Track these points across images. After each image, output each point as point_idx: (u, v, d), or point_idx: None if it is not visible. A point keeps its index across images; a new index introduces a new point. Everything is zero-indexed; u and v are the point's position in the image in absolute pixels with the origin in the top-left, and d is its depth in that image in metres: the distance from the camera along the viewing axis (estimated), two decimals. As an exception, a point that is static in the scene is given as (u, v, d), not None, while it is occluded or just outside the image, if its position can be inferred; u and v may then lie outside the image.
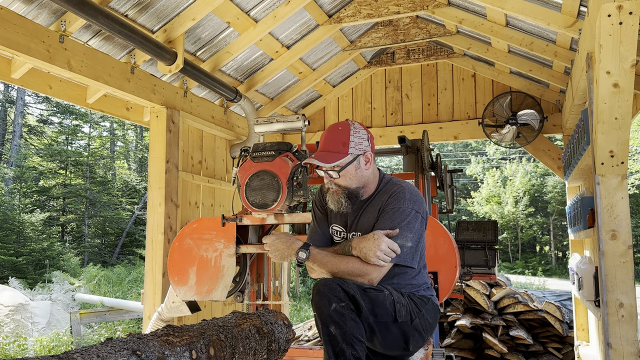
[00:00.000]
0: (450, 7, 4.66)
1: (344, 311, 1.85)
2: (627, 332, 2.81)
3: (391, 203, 2.12)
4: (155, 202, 4.23)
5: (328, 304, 1.85)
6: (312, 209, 2.43)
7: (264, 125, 3.36)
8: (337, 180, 2.15)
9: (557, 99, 5.48)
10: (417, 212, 2.12)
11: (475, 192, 26.05)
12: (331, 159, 2.11)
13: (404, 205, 2.10)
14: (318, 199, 2.40)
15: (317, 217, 2.38)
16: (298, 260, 2.09)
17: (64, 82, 3.95)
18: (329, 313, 1.85)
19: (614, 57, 2.74)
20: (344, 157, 2.12)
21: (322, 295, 1.88)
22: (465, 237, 4.76)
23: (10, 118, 21.72)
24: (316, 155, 2.15)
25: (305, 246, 2.11)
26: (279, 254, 2.18)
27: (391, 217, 2.08)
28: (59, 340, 7.84)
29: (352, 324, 1.85)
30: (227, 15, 4.20)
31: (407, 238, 2.06)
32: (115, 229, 20.66)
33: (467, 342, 5.87)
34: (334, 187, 2.17)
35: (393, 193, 2.15)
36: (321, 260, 2.07)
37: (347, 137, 2.15)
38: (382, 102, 6.28)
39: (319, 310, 1.88)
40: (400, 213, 2.08)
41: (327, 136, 2.19)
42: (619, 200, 2.88)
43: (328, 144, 2.16)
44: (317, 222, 2.36)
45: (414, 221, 2.10)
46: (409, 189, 2.17)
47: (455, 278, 2.77)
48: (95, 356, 1.29)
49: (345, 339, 1.82)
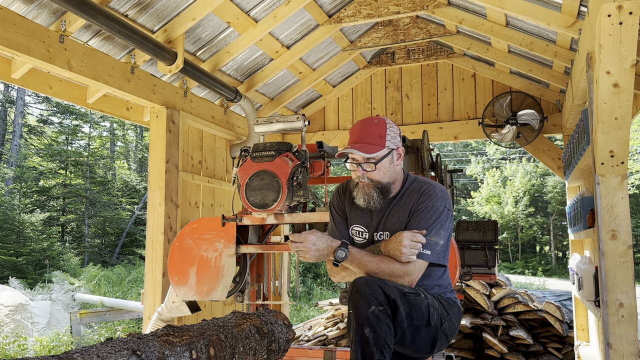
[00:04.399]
0: (450, 7, 4.66)
1: (381, 315, 1.83)
2: (627, 332, 2.81)
3: (424, 201, 2.10)
4: (155, 202, 4.23)
5: (367, 305, 1.83)
6: (330, 211, 2.35)
7: (264, 125, 3.36)
8: (371, 173, 2.10)
9: (557, 99, 5.48)
10: (448, 209, 2.12)
11: (475, 192, 26.05)
12: (370, 149, 2.08)
13: (437, 203, 2.09)
14: (337, 201, 2.33)
15: (335, 219, 2.31)
16: (337, 259, 2.02)
17: (64, 82, 3.95)
18: (366, 315, 1.82)
19: (614, 57, 2.74)
20: (381, 149, 2.09)
21: (363, 295, 1.85)
22: (465, 237, 4.76)
23: (10, 118, 21.72)
24: (353, 145, 2.09)
25: (343, 245, 2.04)
26: (317, 253, 2.04)
27: (425, 216, 2.06)
28: (59, 340, 7.84)
29: (386, 330, 1.83)
30: (227, 15, 4.20)
31: (440, 236, 2.06)
32: (115, 229, 20.65)
33: (467, 342, 5.87)
34: (365, 180, 2.12)
35: (424, 191, 2.13)
36: (360, 260, 2.02)
37: (384, 130, 2.13)
38: (382, 102, 6.28)
39: (357, 310, 1.85)
40: (435, 211, 2.08)
41: (363, 128, 2.13)
42: (619, 200, 2.88)
43: (364, 135, 2.11)
44: (335, 224, 2.30)
45: (446, 219, 2.10)
46: (439, 187, 2.17)
47: (455, 278, 2.77)
48: (95, 356, 1.29)
49: (377, 343, 1.81)
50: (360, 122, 2.17)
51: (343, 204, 2.30)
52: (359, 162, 2.11)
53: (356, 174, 2.14)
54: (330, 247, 2.05)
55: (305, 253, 2.03)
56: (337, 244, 2.04)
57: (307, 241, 2.03)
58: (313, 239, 2.03)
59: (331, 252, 2.04)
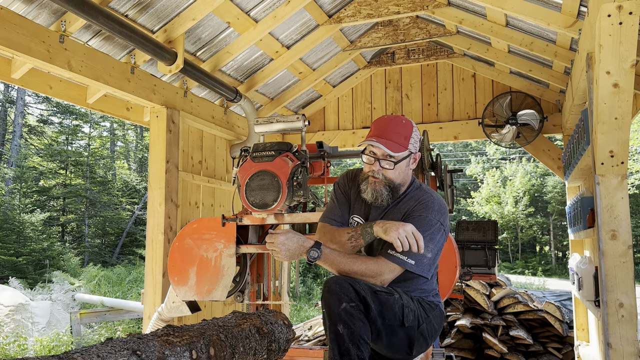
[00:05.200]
0: (450, 7, 4.66)
1: (353, 311, 1.83)
2: (627, 332, 2.81)
3: (418, 210, 2.09)
4: (156, 202, 4.23)
5: (338, 303, 1.84)
6: (334, 190, 2.33)
7: (264, 125, 3.36)
8: (387, 171, 2.09)
9: (557, 99, 5.48)
10: (442, 224, 2.09)
11: (475, 192, 26.06)
12: (395, 148, 2.06)
13: (431, 215, 2.07)
14: (343, 183, 2.32)
15: (338, 198, 2.30)
16: (309, 259, 2.00)
17: (64, 82, 3.95)
18: (338, 312, 1.83)
19: (614, 57, 2.74)
20: (404, 150, 2.09)
21: (333, 294, 1.86)
22: (465, 237, 4.76)
23: (10, 118, 21.71)
24: (379, 140, 2.06)
25: (316, 245, 2.01)
26: (288, 253, 2.00)
27: (416, 225, 2.02)
28: (59, 340, 7.84)
29: (360, 325, 1.83)
30: (227, 15, 4.21)
31: (428, 249, 2.03)
32: (115, 229, 20.65)
33: (467, 342, 5.87)
34: (380, 177, 2.09)
35: (422, 201, 2.12)
36: (333, 260, 2.01)
37: (410, 132, 2.12)
38: (382, 102, 6.28)
39: (329, 308, 1.86)
40: (427, 222, 2.05)
41: (390, 125, 2.11)
42: (619, 200, 2.88)
43: (390, 133, 2.09)
44: (338, 202, 2.29)
45: (437, 233, 2.06)
46: (438, 199, 2.14)
47: (455, 278, 2.77)
48: (95, 356, 1.29)
49: (352, 339, 1.81)
50: (388, 118, 2.15)
51: (349, 189, 2.29)
52: (377, 157, 2.09)
53: (371, 167, 2.11)
54: (302, 247, 2.01)
55: (276, 253, 2.01)
56: (309, 244, 2.00)
57: (277, 241, 2.00)
58: (282, 238, 2.00)
59: (304, 252, 2.01)
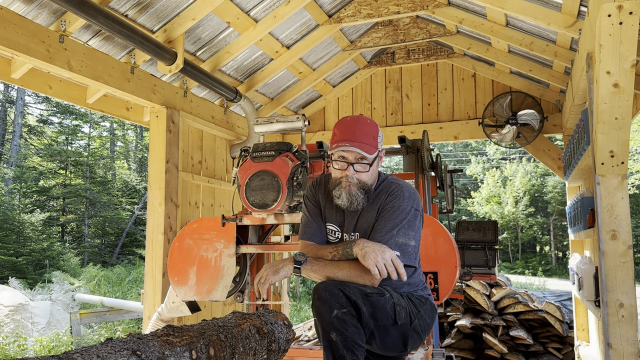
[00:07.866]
0: (450, 7, 4.66)
1: (345, 317, 1.81)
2: (627, 332, 2.81)
3: (391, 201, 2.07)
4: (155, 202, 4.23)
5: (330, 310, 1.81)
6: (304, 204, 2.29)
7: (264, 125, 3.36)
8: (362, 174, 2.05)
9: (557, 99, 5.48)
10: (417, 210, 2.09)
11: (475, 192, 26.04)
12: (368, 150, 2.03)
13: (403, 203, 2.06)
14: (311, 194, 2.28)
15: (311, 211, 2.25)
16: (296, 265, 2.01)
17: (64, 82, 3.95)
18: (330, 320, 1.81)
19: (614, 57, 2.74)
20: (375, 150, 2.06)
21: (324, 301, 1.83)
22: (465, 237, 4.76)
23: (10, 118, 21.71)
24: (352, 143, 2.00)
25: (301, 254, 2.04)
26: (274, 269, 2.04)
27: (392, 216, 2.03)
28: (59, 341, 7.84)
29: (353, 330, 1.81)
30: (227, 15, 4.20)
31: (409, 236, 2.02)
32: (115, 229, 20.66)
33: (467, 342, 5.87)
34: (354, 180, 2.04)
35: (391, 192, 2.10)
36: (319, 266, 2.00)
37: (376, 131, 2.09)
38: (382, 102, 6.28)
39: (320, 316, 1.84)
40: (401, 211, 2.04)
41: (358, 127, 2.05)
42: (619, 201, 2.88)
43: (360, 135, 2.03)
44: (311, 216, 2.24)
45: (414, 219, 2.06)
46: (407, 187, 2.13)
47: (455, 278, 2.77)
48: (95, 356, 1.29)
49: (346, 345, 1.79)
50: (352, 120, 2.09)
51: (319, 198, 2.25)
52: (349, 162, 2.04)
53: (343, 173, 2.05)
54: (285, 260, 2.04)
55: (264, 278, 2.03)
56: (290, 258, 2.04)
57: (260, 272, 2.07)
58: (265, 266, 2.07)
59: (288, 262, 2.02)
